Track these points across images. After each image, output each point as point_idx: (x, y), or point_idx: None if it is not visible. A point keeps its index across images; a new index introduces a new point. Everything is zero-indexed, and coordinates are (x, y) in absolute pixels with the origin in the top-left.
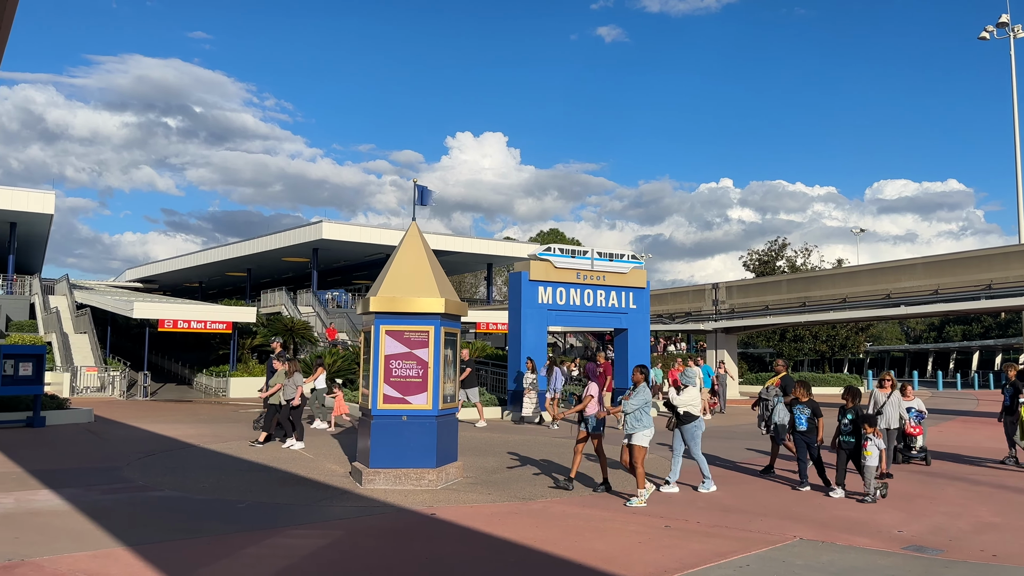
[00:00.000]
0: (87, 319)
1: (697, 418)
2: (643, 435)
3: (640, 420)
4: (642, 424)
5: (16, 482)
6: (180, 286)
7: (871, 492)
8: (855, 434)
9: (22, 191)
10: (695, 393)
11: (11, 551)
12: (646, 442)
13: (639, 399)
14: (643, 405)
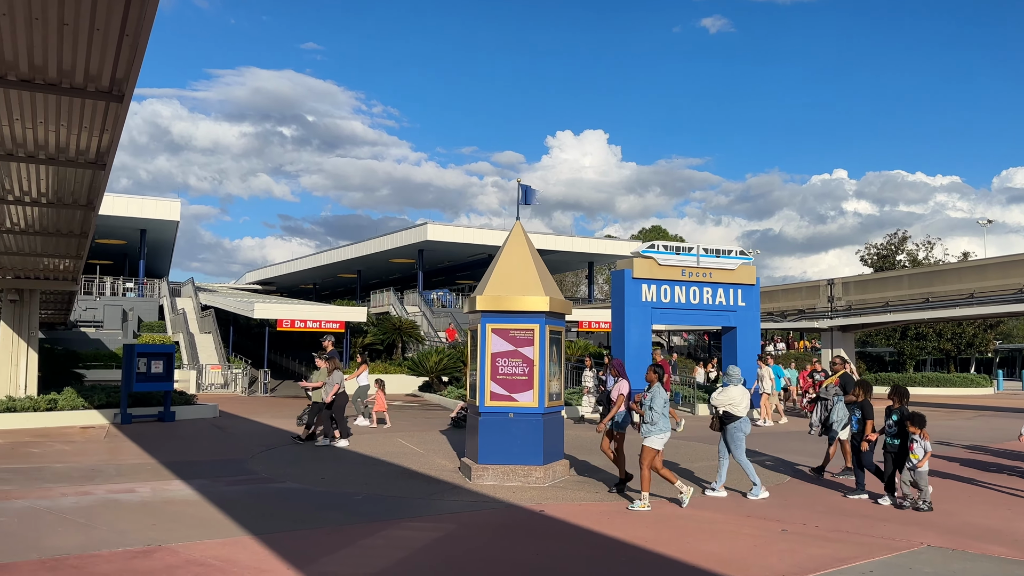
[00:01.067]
0: (211, 319)
1: (739, 419)
2: (656, 438)
3: (654, 422)
4: (657, 427)
5: (151, 472)
6: (296, 288)
7: (925, 499)
8: (901, 436)
9: (151, 200)
10: (735, 392)
11: (150, 537)
12: (658, 445)
13: (661, 399)
14: (663, 405)
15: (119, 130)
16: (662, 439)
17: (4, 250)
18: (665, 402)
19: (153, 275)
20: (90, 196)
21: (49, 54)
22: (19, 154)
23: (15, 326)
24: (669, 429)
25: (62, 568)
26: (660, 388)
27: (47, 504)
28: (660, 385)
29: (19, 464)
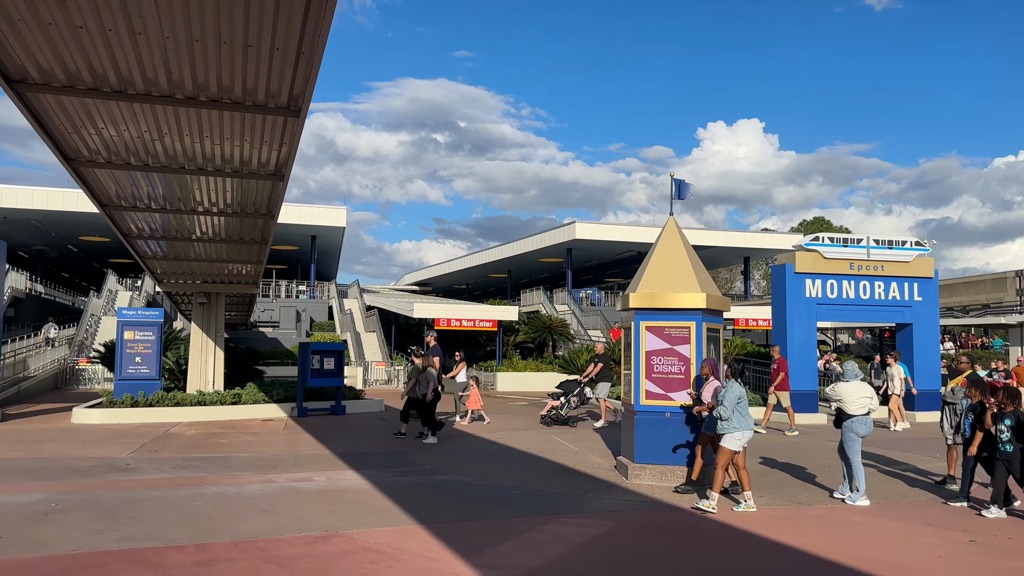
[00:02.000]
0: (375, 319)
1: (852, 417)
2: (731, 437)
3: (727, 419)
4: (730, 425)
5: (326, 463)
6: (450, 288)
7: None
8: (1017, 442)
9: (320, 208)
10: (846, 388)
11: (327, 523)
12: (735, 445)
13: (733, 395)
14: (735, 403)
15: (296, 143)
16: (739, 439)
17: (195, 257)
18: (739, 399)
19: (322, 278)
20: (269, 206)
21: (235, 75)
22: (208, 168)
23: (204, 327)
24: (748, 428)
25: (251, 550)
26: (733, 384)
27: (235, 491)
28: (734, 381)
29: (210, 453)
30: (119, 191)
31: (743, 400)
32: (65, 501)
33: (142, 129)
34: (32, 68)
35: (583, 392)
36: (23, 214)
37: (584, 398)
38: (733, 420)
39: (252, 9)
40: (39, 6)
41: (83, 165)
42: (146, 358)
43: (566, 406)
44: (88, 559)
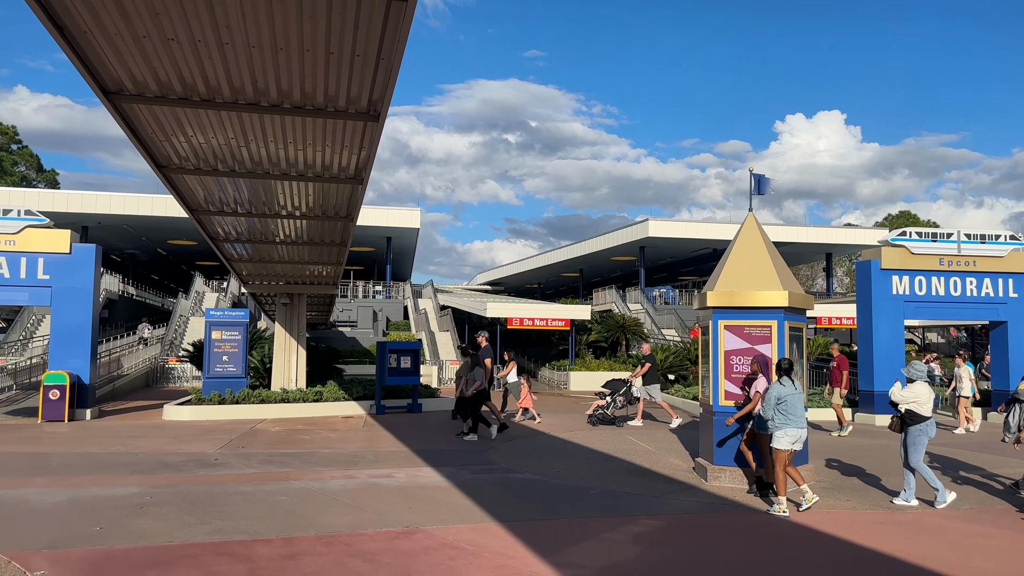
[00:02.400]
0: (449, 318)
1: (925, 420)
2: (779, 436)
3: (773, 420)
4: (775, 424)
5: (404, 460)
6: (522, 287)
7: None
8: None
9: (395, 210)
10: (922, 389)
11: (408, 519)
12: (785, 444)
13: (773, 395)
14: (775, 403)
15: (375, 147)
16: (787, 438)
17: (278, 259)
18: (779, 398)
19: (397, 279)
20: (349, 208)
21: (317, 82)
22: (291, 173)
23: (287, 326)
24: (798, 427)
25: (335, 544)
26: (776, 384)
27: (319, 486)
28: (779, 381)
29: (294, 449)
30: (207, 196)
31: (786, 400)
32: (159, 494)
33: (229, 136)
34: (127, 80)
35: (629, 392)
36: (116, 219)
37: (631, 398)
38: (776, 419)
39: (334, 17)
40: (134, 20)
41: (173, 172)
42: (233, 357)
43: (612, 405)
44: (182, 551)
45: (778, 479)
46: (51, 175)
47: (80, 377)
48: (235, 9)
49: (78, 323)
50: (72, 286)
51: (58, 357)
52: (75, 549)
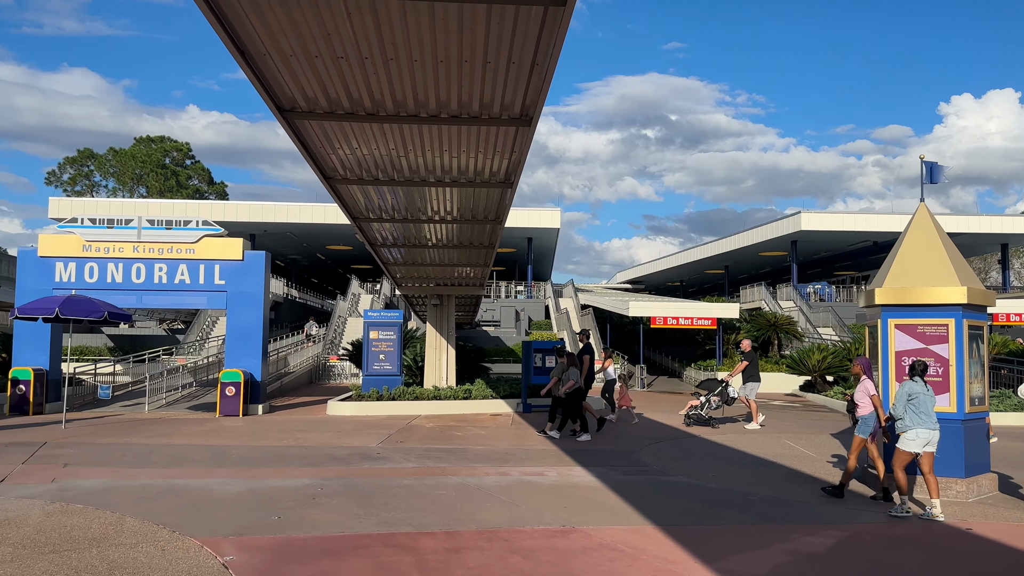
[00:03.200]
0: (590, 317)
1: None
2: (906, 438)
3: (901, 420)
4: (903, 424)
5: (555, 458)
6: (663, 285)
7: None
8: None
9: (535, 211)
10: None
11: (563, 518)
12: (910, 446)
13: (903, 394)
14: (905, 401)
15: (526, 151)
16: (912, 439)
17: (429, 262)
18: (910, 396)
19: (538, 279)
20: (498, 212)
21: (474, 90)
22: (445, 180)
23: (437, 326)
24: (929, 428)
25: (495, 539)
26: (908, 383)
27: (475, 481)
28: (911, 380)
29: (448, 445)
30: (367, 204)
31: (917, 398)
32: (329, 486)
33: (390, 147)
34: (300, 97)
35: (726, 392)
36: (280, 227)
37: (728, 398)
38: (906, 420)
39: (492, 27)
40: (307, 41)
41: (339, 182)
42: (389, 356)
43: (706, 406)
44: (353, 541)
45: (897, 479)
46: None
47: (252, 375)
48: (400, 26)
49: (250, 324)
50: (245, 290)
51: (233, 356)
52: (258, 537)
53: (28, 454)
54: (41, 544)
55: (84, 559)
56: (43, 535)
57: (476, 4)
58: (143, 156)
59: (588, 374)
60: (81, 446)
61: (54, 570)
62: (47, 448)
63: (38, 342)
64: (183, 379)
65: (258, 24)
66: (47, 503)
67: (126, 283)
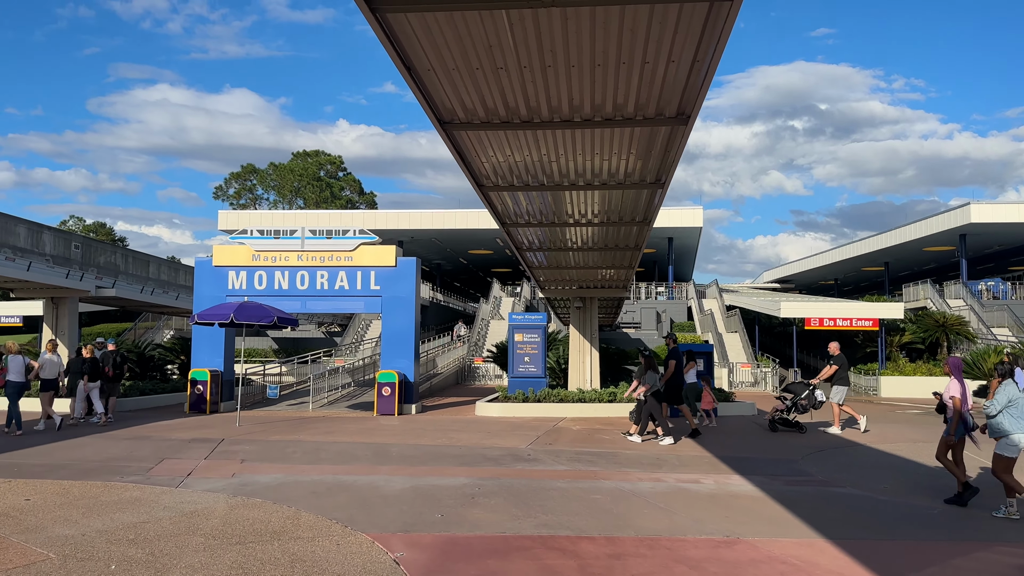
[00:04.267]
0: (736, 319)
1: None
2: (1006, 443)
3: (1000, 424)
4: (1001, 428)
5: (709, 465)
6: (814, 284)
7: None
8: None
9: (676, 210)
10: None
11: (726, 528)
12: (1008, 452)
13: (1003, 396)
14: (1004, 405)
15: (681, 150)
16: (1013, 444)
17: (572, 265)
18: (1010, 400)
19: (679, 279)
20: (646, 213)
21: (630, 92)
22: (595, 183)
23: (580, 329)
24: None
25: (657, 547)
26: (1010, 384)
27: (629, 487)
28: (1012, 380)
29: (597, 448)
30: (516, 209)
31: (1013, 401)
32: (485, 486)
33: (541, 153)
34: (459, 109)
35: (813, 395)
36: (425, 234)
37: (815, 401)
38: (1003, 423)
39: (653, 27)
40: (470, 54)
41: (490, 189)
42: (533, 358)
43: (793, 409)
44: (514, 542)
45: (1005, 483)
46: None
47: (406, 376)
48: (560, 33)
49: (403, 327)
50: (398, 295)
51: (387, 358)
52: (424, 534)
53: (209, 450)
54: (228, 535)
55: (267, 551)
56: (229, 527)
57: (638, 5)
58: (300, 170)
59: (675, 377)
60: (255, 443)
61: (242, 561)
62: (225, 444)
63: (214, 345)
64: (342, 379)
65: (425, 41)
66: (230, 496)
67: (291, 289)
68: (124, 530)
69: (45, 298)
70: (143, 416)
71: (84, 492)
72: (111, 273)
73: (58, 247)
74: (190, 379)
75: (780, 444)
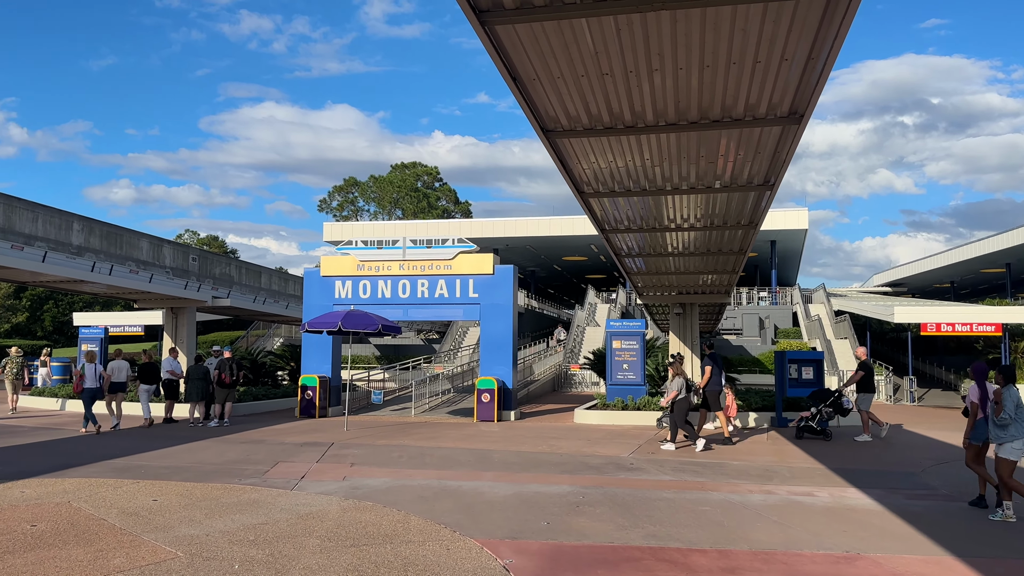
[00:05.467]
0: (846, 325)
1: None
2: (1010, 447)
3: (1004, 428)
4: (1008, 434)
5: (823, 478)
6: (928, 287)
7: None
8: None
9: (779, 212)
10: None
11: (845, 543)
12: (1011, 455)
13: (1011, 401)
14: (1014, 409)
15: (793, 150)
16: (1016, 448)
17: (672, 271)
18: (1018, 405)
19: (782, 283)
20: (753, 216)
21: (739, 93)
22: (699, 187)
23: (680, 335)
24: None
25: (773, 562)
26: (1012, 389)
27: (739, 499)
28: (1013, 385)
29: (703, 459)
30: (616, 215)
31: (1021, 406)
32: (589, 495)
33: (644, 158)
34: (562, 116)
35: (840, 402)
36: (519, 241)
37: (842, 409)
38: (1011, 429)
39: (766, 26)
40: (575, 61)
41: (590, 196)
42: (632, 365)
43: (818, 416)
44: (623, 552)
45: (1003, 486)
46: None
47: (504, 382)
48: (668, 36)
49: (501, 334)
50: (495, 302)
51: (486, 364)
52: (531, 541)
53: (320, 453)
54: (343, 538)
55: (380, 554)
56: (343, 529)
57: (751, 4)
58: (399, 181)
59: (710, 383)
60: (362, 447)
61: (357, 563)
62: (335, 448)
63: (322, 352)
64: (441, 386)
65: (531, 50)
66: (342, 499)
67: (394, 298)
68: (245, 531)
69: (165, 308)
70: (257, 420)
71: (206, 493)
72: (226, 284)
73: (177, 259)
74: (300, 385)
75: (898, 456)
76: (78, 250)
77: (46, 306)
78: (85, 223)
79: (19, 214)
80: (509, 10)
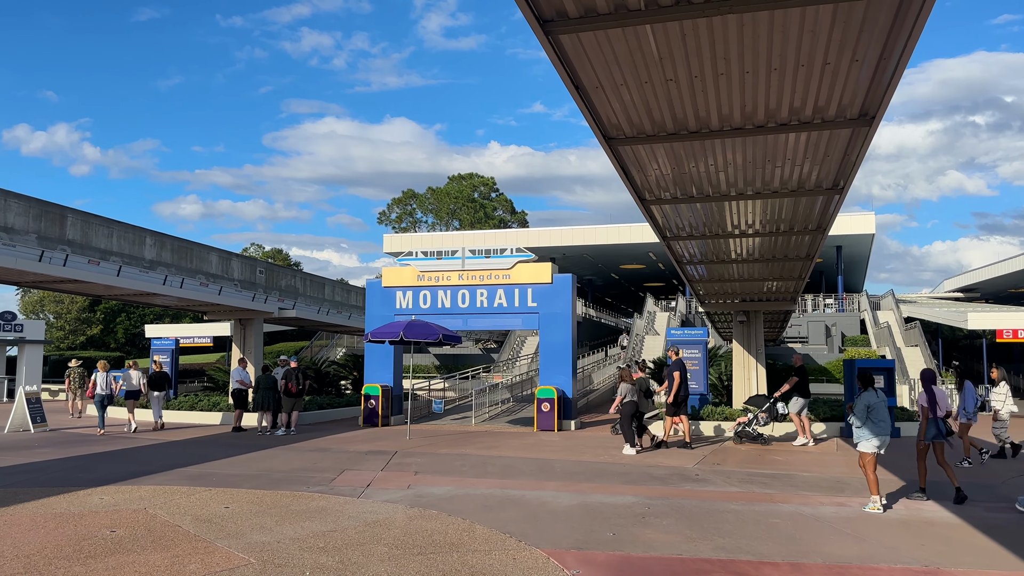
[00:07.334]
0: (917, 332)
1: None
2: (866, 443)
3: (861, 428)
4: (864, 432)
5: (897, 489)
6: (1003, 292)
7: None
8: None
9: (845, 216)
10: None
11: (922, 557)
12: (869, 448)
13: (862, 404)
14: (862, 410)
15: (864, 152)
16: (871, 443)
17: (735, 278)
18: (868, 406)
19: (849, 290)
20: (821, 221)
21: (808, 95)
22: (765, 192)
23: (744, 344)
24: (881, 435)
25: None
26: (869, 393)
27: (810, 511)
28: (872, 390)
29: (770, 470)
30: (678, 221)
31: (874, 408)
32: (655, 506)
33: (708, 164)
34: (625, 124)
35: (773, 408)
36: (576, 250)
37: (776, 414)
38: (867, 427)
39: (836, 26)
40: (639, 68)
41: (652, 203)
42: (694, 374)
43: (754, 422)
44: (692, 564)
45: (868, 479)
46: (521, 216)
47: (564, 391)
48: (735, 39)
49: (560, 343)
50: (554, 311)
51: (546, 374)
52: (598, 552)
53: (384, 461)
54: (410, 546)
55: (448, 562)
56: (410, 537)
57: (820, 5)
58: (456, 192)
59: (680, 388)
60: (425, 455)
61: (425, 571)
62: (398, 456)
63: (383, 362)
64: (501, 395)
65: (595, 58)
66: (407, 507)
67: (453, 308)
68: (314, 538)
69: (233, 319)
70: (322, 429)
71: (275, 501)
72: (291, 295)
73: (244, 272)
74: (363, 394)
75: (976, 468)
76: (150, 264)
77: (119, 319)
78: (157, 238)
79: (95, 230)
80: (573, 19)
